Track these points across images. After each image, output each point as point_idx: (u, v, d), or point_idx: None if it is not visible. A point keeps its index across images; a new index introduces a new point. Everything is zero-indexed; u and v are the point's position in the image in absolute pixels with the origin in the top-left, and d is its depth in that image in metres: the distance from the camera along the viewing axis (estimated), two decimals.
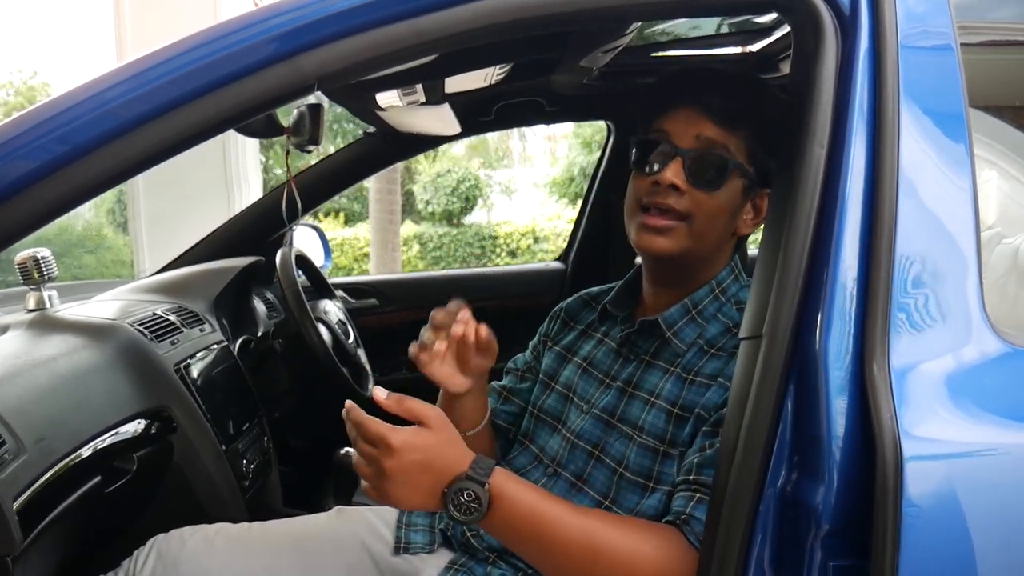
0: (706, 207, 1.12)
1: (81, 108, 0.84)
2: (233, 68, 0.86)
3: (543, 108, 2.26)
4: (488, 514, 0.93)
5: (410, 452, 0.92)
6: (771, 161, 1.14)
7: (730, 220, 1.16)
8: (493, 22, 0.88)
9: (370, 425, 0.93)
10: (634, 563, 0.94)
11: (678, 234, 1.13)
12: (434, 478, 0.93)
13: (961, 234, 0.88)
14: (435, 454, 0.93)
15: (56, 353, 1.37)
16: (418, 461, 0.92)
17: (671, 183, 1.11)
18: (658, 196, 1.12)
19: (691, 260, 1.17)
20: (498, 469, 0.95)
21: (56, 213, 0.85)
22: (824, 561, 0.81)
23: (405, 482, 0.92)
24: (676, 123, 1.13)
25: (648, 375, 1.18)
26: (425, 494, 0.93)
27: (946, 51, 0.91)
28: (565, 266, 2.78)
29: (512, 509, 0.94)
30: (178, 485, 1.56)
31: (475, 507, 0.93)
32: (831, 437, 0.81)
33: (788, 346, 0.86)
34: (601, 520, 0.98)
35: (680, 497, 1.02)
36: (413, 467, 0.92)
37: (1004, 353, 0.86)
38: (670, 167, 1.11)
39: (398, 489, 0.93)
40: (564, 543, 0.95)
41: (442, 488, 0.93)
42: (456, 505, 0.93)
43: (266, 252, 2.20)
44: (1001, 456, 0.84)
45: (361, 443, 0.94)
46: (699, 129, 1.11)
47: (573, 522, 0.95)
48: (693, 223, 1.12)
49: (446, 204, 12.62)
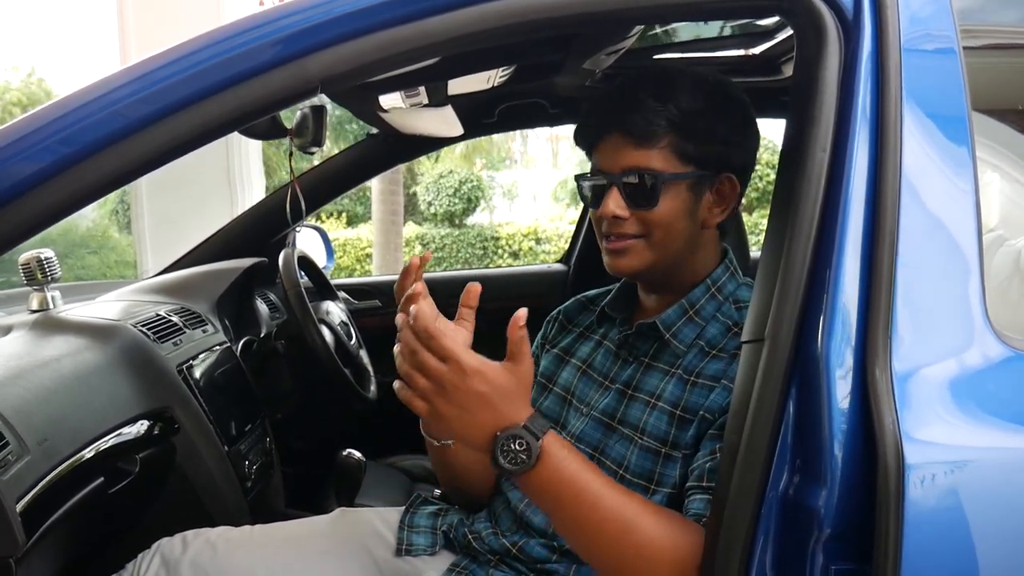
0: (655, 221, 1.14)
1: (86, 109, 0.84)
2: (237, 70, 0.86)
3: (546, 110, 2.26)
4: (533, 470, 0.92)
5: (480, 381, 0.90)
6: (708, 148, 1.14)
7: (688, 220, 1.16)
8: (498, 25, 0.88)
9: (445, 340, 0.89)
10: (661, 551, 0.93)
11: (638, 250, 1.15)
12: (491, 418, 0.91)
13: (963, 237, 0.88)
14: (502, 394, 0.91)
15: (59, 354, 1.37)
16: (483, 394, 0.90)
17: (613, 214, 1.13)
18: (611, 227, 1.15)
19: (665, 268, 1.18)
20: (552, 431, 0.94)
21: (61, 214, 0.86)
22: (826, 565, 0.81)
23: (463, 409, 0.90)
24: (604, 153, 1.16)
25: (648, 377, 1.18)
26: (476, 430, 0.92)
27: (948, 54, 0.92)
28: (567, 268, 2.78)
29: (557, 471, 0.93)
30: (181, 486, 1.57)
31: (523, 459, 0.91)
32: (833, 441, 0.81)
33: (790, 350, 0.86)
34: (639, 502, 0.97)
35: (697, 500, 1.01)
36: (475, 398, 0.90)
37: (1006, 357, 0.86)
38: (609, 198, 1.14)
39: (451, 411, 0.91)
40: (601, 516, 0.93)
41: (495, 431, 0.91)
42: (504, 452, 0.91)
43: (269, 253, 2.20)
44: (1003, 460, 0.84)
45: (424, 353, 0.90)
46: (622, 156, 1.14)
47: (614, 497, 0.94)
48: (650, 238, 1.15)
49: (448, 205, 12.62)
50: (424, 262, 1.09)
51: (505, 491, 1.27)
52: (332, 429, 2.35)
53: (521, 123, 2.49)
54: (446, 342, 0.89)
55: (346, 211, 13.73)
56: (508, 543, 1.20)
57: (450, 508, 1.35)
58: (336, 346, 1.95)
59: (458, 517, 1.31)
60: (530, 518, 1.20)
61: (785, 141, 0.96)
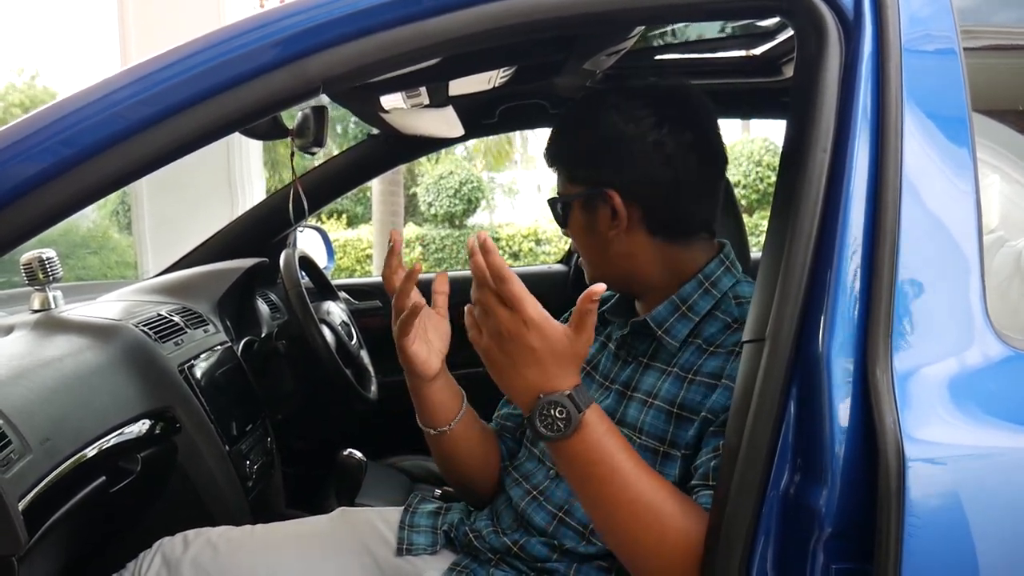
0: (577, 241, 1.24)
1: (87, 111, 0.84)
2: (238, 71, 0.86)
3: (547, 111, 2.26)
4: (569, 440, 0.92)
5: (537, 337, 0.90)
6: (590, 167, 1.18)
7: (590, 235, 1.21)
8: (497, 26, 0.89)
9: (515, 287, 0.89)
10: (684, 538, 0.93)
11: (585, 265, 1.25)
12: (538, 377, 0.91)
13: (964, 238, 0.88)
14: (555, 356, 0.91)
15: (61, 354, 1.38)
16: (536, 350, 0.90)
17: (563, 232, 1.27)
18: None
19: (611, 279, 1.21)
20: (595, 405, 0.94)
21: (62, 215, 0.86)
22: (827, 564, 0.81)
23: (514, 360, 0.91)
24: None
25: (646, 376, 1.18)
26: (522, 386, 0.92)
27: (949, 55, 0.92)
28: (568, 268, 2.78)
29: (594, 446, 0.93)
30: (182, 486, 1.57)
31: (559, 427, 0.91)
32: (834, 440, 0.82)
33: (791, 349, 0.86)
34: (669, 488, 0.96)
35: (704, 496, 1.01)
36: (528, 352, 0.91)
37: (1007, 357, 0.87)
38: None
39: (502, 360, 0.92)
40: (631, 496, 0.93)
41: (539, 392, 0.91)
42: (543, 416, 0.91)
43: (270, 253, 2.20)
44: (1004, 460, 0.84)
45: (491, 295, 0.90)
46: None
47: (646, 481, 0.94)
48: (582, 255, 1.25)
49: (448, 206, 12.64)
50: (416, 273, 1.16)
51: (507, 489, 1.27)
52: (333, 429, 2.35)
53: (522, 124, 2.49)
54: (516, 288, 0.90)
55: (346, 212, 13.74)
56: (509, 541, 1.21)
57: (450, 507, 1.35)
58: (337, 346, 1.96)
59: (459, 516, 1.31)
60: (531, 517, 1.20)
61: (786, 142, 0.96)
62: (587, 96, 1.25)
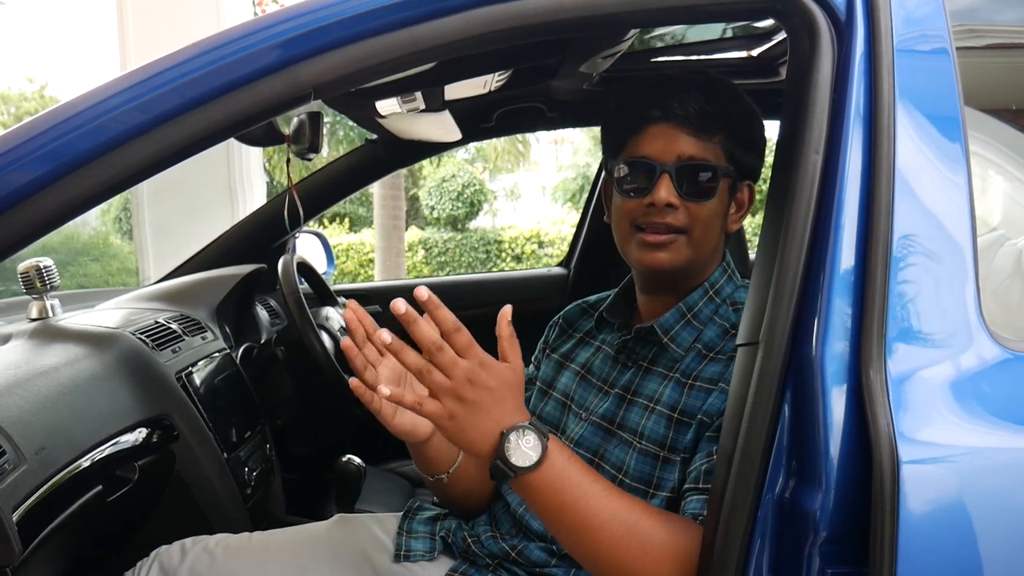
0: (702, 217, 1.13)
1: (79, 119, 0.84)
2: (229, 78, 0.86)
3: (544, 114, 2.26)
4: (540, 468, 0.91)
5: (491, 375, 0.89)
6: (747, 154, 1.17)
7: (722, 221, 1.17)
8: (488, 31, 0.88)
9: (466, 331, 0.88)
10: (665, 552, 0.93)
11: (679, 247, 1.13)
12: (501, 414, 0.90)
13: (958, 239, 0.87)
14: (509, 389, 0.90)
15: (57, 363, 1.37)
16: (494, 388, 0.89)
17: (667, 202, 1.11)
18: (653, 216, 1.13)
19: (692, 269, 1.18)
20: (552, 435, 0.93)
21: (56, 223, 0.85)
22: (822, 568, 0.81)
23: (475, 406, 0.89)
24: (654, 142, 1.13)
25: (647, 381, 1.17)
26: (488, 425, 0.90)
27: (941, 54, 0.91)
28: (567, 271, 2.78)
29: (561, 471, 0.92)
30: (180, 494, 1.56)
31: (532, 454, 0.90)
32: (828, 443, 0.81)
33: (785, 352, 0.85)
34: (640, 505, 0.96)
35: (695, 500, 1.01)
36: (487, 392, 0.89)
37: (1001, 359, 0.86)
38: (661, 186, 1.11)
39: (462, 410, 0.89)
40: (607, 516, 0.93)
41: (502, 429, 0.90)
42: (512, 450, 0.90)
43: (269, 259, 2.20)
44: (999, 462, 0.84)
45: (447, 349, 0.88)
46: (678, 143, 1.12)
47: (615, 501, 0.94)
48: (691, 234, 1.13)
49: (451, 209, 12.64)
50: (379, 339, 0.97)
51: (505, 494, 1.27)
52: (332, 435, 2.35)
53: (519, 127, 2.48)
54: (466, 333, 0.89)
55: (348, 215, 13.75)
56: (507, 547, 1.20)
57: (449, 513, 1.34)
58: (336, 352, 1.95)
59: (457, 522, 1.31)
60: (530, 522, 1.20)
61: (779, 143, 0.95)
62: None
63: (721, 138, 1.13)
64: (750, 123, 1.17)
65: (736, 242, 1.95)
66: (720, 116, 1.13)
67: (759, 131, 1.19)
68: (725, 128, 1.13)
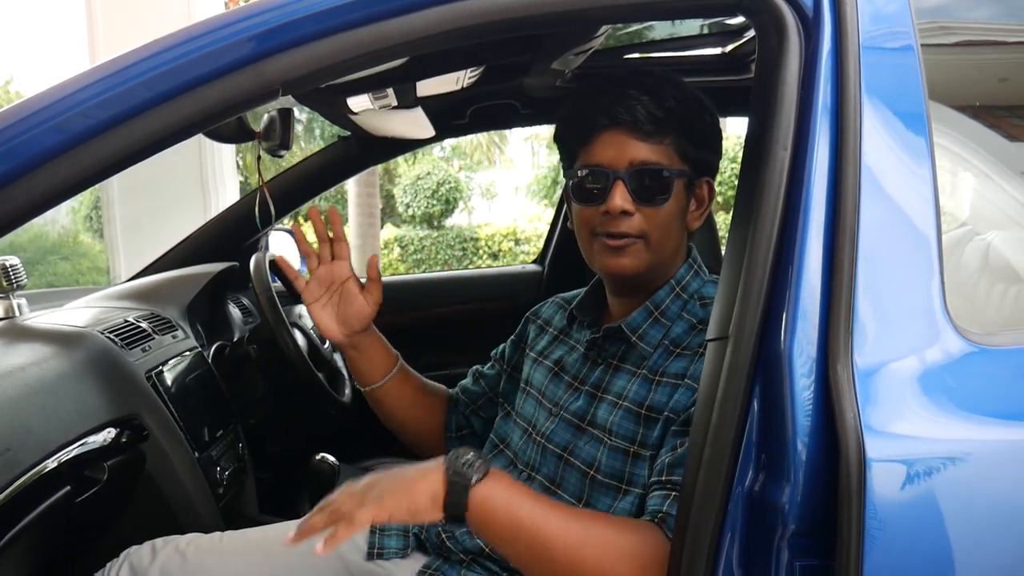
0: (659, 221, 1.14)
1: (46, 113, 0.83)
2: (196, 74, 0.85)
3: (518, 111, 2.25)
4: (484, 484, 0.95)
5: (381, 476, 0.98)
6: (701, 152, 1.17)
7: (680, 221, 1.18)
8: (456, 26, 0.88)
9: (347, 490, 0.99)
10: (621, 557, 0.94)
11: (638, 251, 1.14)
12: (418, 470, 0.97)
13: (923, 234, 0.88)
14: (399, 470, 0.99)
15: (24, 363, 1.35)
16: (392, 474, 0.98)
17: (621, 209, 1.11)
18: (609, 224, 1.13)
19: (654, 270, 1.18)
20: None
21: (21, 220, 0.84)
22: (791, 561, 0.82)
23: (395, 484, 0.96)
24: (605, 150, 1.13)
25: (616, 378, 1.18)
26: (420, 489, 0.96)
27: (907, 51, 0.92)
28: (542, 268, 2.78)
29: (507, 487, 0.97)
30: (151, 494, 1.55)
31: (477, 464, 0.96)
32: (796, 437, 0.82)
33: (754, 347, 0.86)
34: (586, 515, 0.99)
35: (656, 496, 1.02)
36: (390, 477, 0.97)
37: (966, 352, 0.87)
38: (615, 194, 1.12)
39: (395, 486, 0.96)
40: (560, 525, 0.96)
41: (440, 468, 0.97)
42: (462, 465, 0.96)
43: (241, 257, 2.18)
44: (964, 455, 0.85)
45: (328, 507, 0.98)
46: (629, 149, 1.12)
47: (564, 509, 0.98)
48: (650, 238, 1.14)
49: (426, 207, 12.60)
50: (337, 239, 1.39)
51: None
52: (306, 433, 2.33)
53: (493, 124, 2.48)
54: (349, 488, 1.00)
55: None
56: (481, 542, 1.20)
57: None
58: (309, 350, 1.94)
59: None
60: None
61: (747, 140, 0.96)
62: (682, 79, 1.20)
63: (672, 139, 1.13)
64: (701, 120, 1.16)
65: (708, 237, 1.96)
66: (670, 117, 1.12)
67: (712, 127, 1.17)
68: (676, 128, 1.13)
